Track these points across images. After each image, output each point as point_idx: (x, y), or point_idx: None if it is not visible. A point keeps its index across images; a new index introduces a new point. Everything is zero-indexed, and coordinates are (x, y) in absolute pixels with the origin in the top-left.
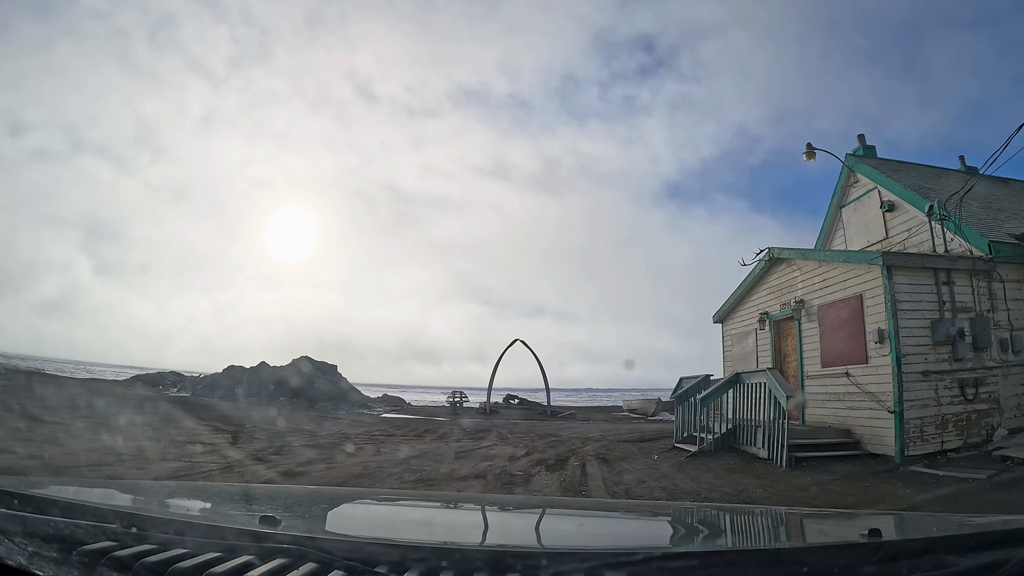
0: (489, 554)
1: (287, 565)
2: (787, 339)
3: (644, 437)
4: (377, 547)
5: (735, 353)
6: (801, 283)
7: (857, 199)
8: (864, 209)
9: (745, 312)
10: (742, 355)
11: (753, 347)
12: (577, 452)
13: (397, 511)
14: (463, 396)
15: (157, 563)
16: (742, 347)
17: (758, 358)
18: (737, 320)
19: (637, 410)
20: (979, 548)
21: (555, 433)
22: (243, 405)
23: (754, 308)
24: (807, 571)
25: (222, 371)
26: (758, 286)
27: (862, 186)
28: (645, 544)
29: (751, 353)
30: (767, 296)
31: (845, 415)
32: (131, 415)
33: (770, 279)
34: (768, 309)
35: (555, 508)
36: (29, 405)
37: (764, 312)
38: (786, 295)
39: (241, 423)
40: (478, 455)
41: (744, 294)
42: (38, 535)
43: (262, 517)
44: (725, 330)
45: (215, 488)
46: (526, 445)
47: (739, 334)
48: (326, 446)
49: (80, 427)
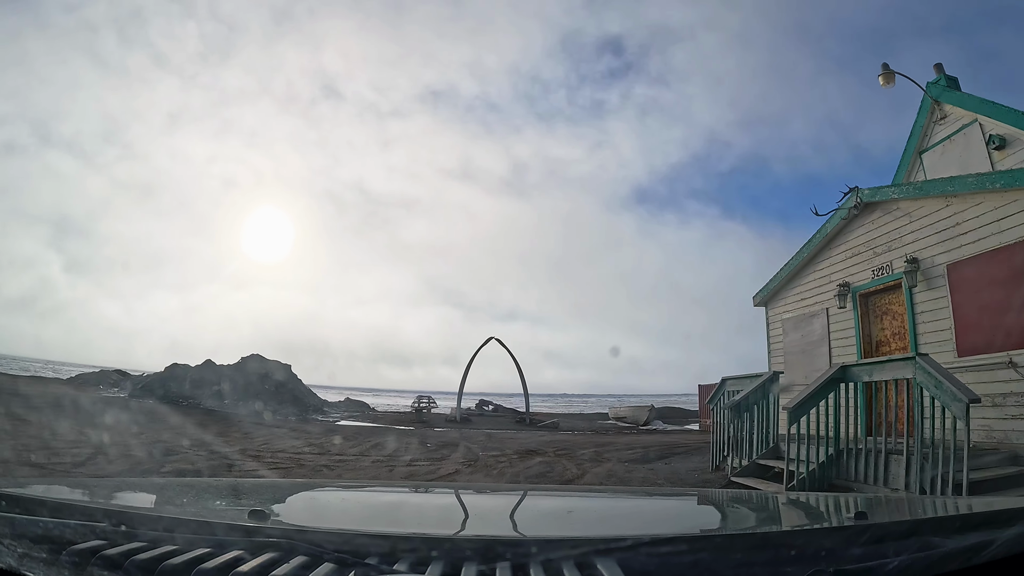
0: (479, 543)
1: (277, 559)
2: (883, 319)
3: (651, 454)
4: (367, 539)
5: (790, 344)
6: (912, 234)
7: (947, 139)
8: (958, 150)
9: (808, 286)
10: (802, 346)
11: (822, 334)
12: (577, 484)
13: (386, 502)
14: (431, 401)
15: (147, 560)
16: (802, 335)
17: (831, 348)
18: (793, 299)
19: (626, 418)
20: (964, 529)
21: (539, 450)
22: (166, 408)
23: (823, 279)
24: (795, 554)
25: (164, 369)
26: (830, 249)
27: (953, 121)
28: (634, 530)
29: (819, 342)
30: (847, 261)
31: (1006, 429)
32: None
33: (852, 236)
34: (849, 279)
35: (544, 495)
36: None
37: (843, 283)
38: (882, 255)
39: (133, 432)
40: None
41: (806, 262)
42: (27, 536)
43: (251, 511)
44: (772, 315)
45: (204, 484)
46: (503, 470)
47: (797, 318)
48: (221, 469)
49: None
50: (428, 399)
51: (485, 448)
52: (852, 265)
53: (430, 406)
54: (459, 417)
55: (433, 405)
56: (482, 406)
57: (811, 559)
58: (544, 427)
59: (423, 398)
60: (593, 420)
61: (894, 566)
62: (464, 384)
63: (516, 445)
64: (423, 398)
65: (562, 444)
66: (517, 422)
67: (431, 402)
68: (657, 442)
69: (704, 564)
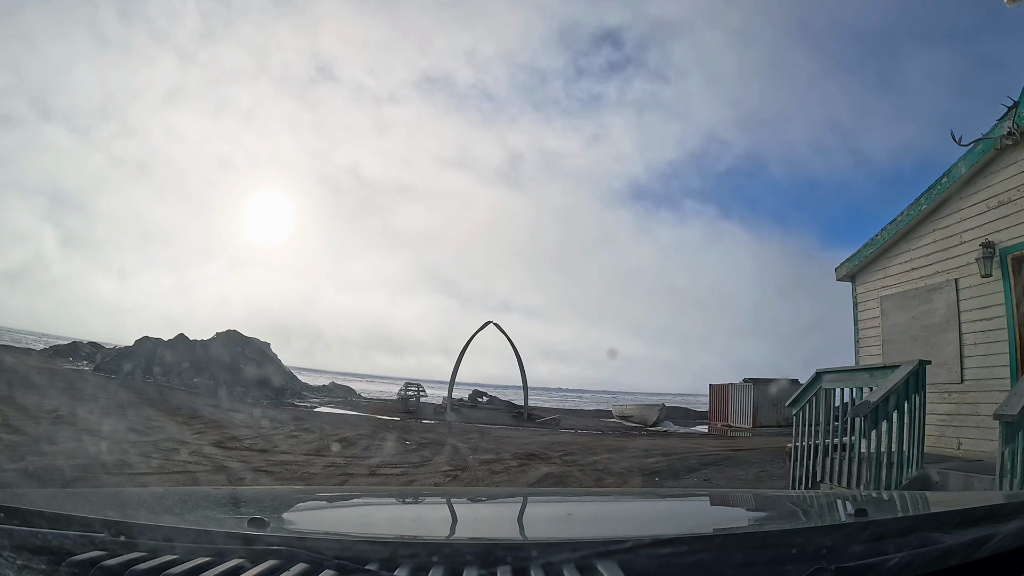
0: (479, 547)
1: (278, 566)
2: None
3: (677, 464)
4: (367, 545)
5: (893, 329)
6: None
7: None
8: None
9: (923, 251)
10: (913, 332)
11: (948, 315)
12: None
13: (386, 508)
14: (419, 389)
15: (147, 570)
16: (913, 317)
17: (962, 335)
18: (899, 269)
19: (633, 417)
20: (964, 525)
21: (543, 454)
22: (117, 384)
23: (951, 240)
24: (795, 552)
25: (133, 343)
26: (964, 197)
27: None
28: (634, 532)
29: (943, 326)
30: (991, 212)
31: None
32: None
33: (1001, 177)
34: (994, 236)
35: (544, 499)
36: None
37: (985, 243)
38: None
39: (47, 409)
40: None
41: (923, 219)
42: (26, 548)
43: (251, 519)
44: (864, 291)
45: (202, 492)
46: (500, 483)
47: (905, 294)
48: (94, 468)
49: None
50: (417, 387)
51: (476, 450)
52: (1000, 218)
53: (419, 394)
54: (450, 408)
55: (422, 393)
56: (476, 397)
57: (812, 557)
58: (542, 424)
59: (411, 385)
60: (595, 418)
61: (895, 563)
62: (457, 372)
63: (514, 447)
64: (411, 385)
65: (567, 447)
66: (514, 417)
67: (420, 390)
68: (678, 448)
69: (705, 564)
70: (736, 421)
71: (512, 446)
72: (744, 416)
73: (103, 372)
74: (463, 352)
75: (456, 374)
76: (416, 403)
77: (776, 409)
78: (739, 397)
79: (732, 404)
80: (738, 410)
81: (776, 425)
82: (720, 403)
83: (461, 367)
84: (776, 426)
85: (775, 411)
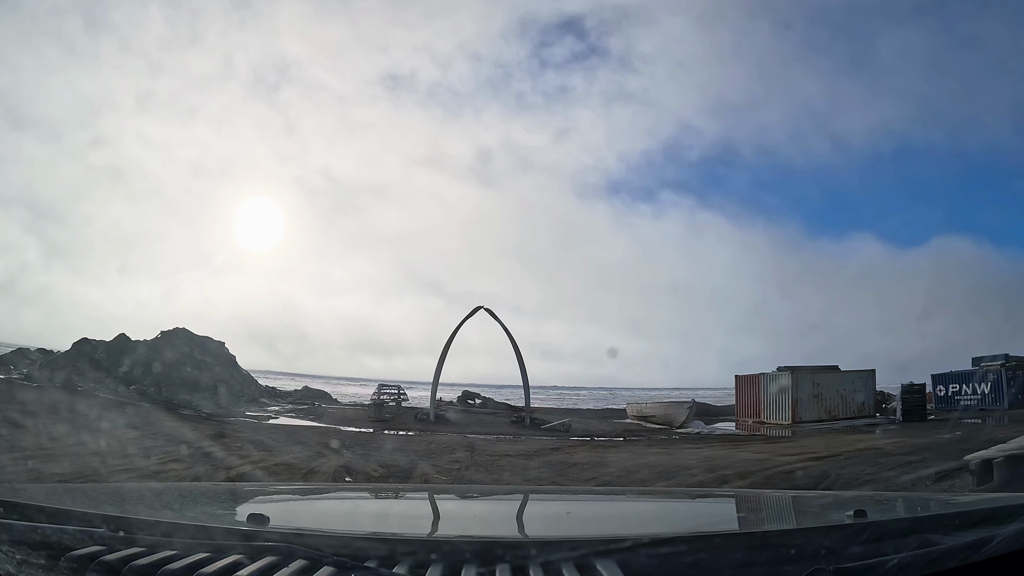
0: (478, 545)
1: (276, 563)
2: None
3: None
4: (366, 542)
5: None
6: None
7: None
8: None
9: None
10: None
11: None
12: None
13: (385, 505)
14: (400, 393)
15: (146, 566)
16: None
17: None
18: None
19: (655, 418)
20: (964, 527)
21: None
22: (34, 392)
23: None
24: (795, 553)
25: (71, 346)
26: None
27: None
28: (633, 531)
29: None
30: None
31: None
32: None
33: None
34: None
35: (543, 497)
36: None
37: None
38: None
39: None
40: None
41: None
42: (25, 543)
43: (250, 515)
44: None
45: (202, 488)
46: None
47: None
48: None
49: None
50: (397, 390)
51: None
52: None
53: (399, 399)
54: (433, 414)
55: (403, 398)
56: (466, 399)
57: (811, 558)
58: (549, 430)
59: (386, 388)
60: (606, 419)
61: (893, 564)
62: (441, 368)
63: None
64: (386, 388)
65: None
66: (513, 422)
67: (400, 394)
68: (746, 463)
69: (704, 564)
70: (770, 416)
71: (517, 474)
72: (781, 411)
73: (31, 381)
74: (449, 343)
75: (440, 371)
76: (396, 408)
77: (818, 401)
78: (773, 388)
79: (765, 397)
80: (773, 403)
81: (818, 420)
82: (750, 396)
83: (449, 366)
84: (818, 421)
85: (817, 403)
